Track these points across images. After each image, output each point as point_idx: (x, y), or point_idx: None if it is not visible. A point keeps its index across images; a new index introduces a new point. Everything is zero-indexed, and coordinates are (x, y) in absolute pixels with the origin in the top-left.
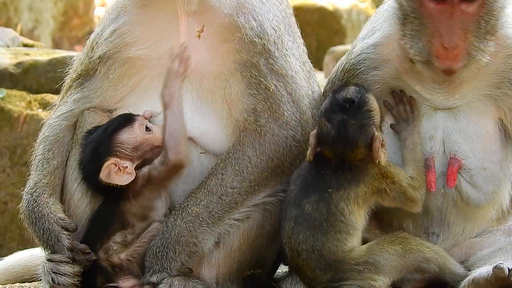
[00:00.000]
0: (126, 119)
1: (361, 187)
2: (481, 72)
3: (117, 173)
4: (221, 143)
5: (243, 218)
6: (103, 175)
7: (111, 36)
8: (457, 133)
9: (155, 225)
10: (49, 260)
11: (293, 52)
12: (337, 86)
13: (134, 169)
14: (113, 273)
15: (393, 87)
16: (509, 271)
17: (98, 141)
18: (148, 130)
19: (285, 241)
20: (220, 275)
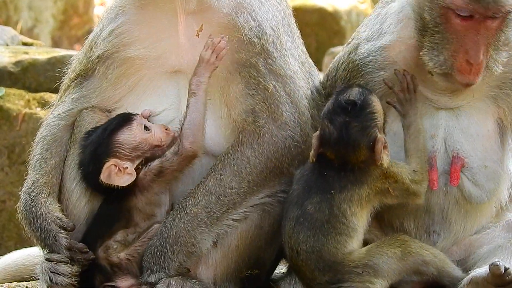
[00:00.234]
0: (124, 119)
1: (364, 189)
2: (486, 75)
3: (117, 174)
4: (220, 143)
5: (241, 218)
6: (103, 177)
7: (109, 36)
8: (459, 132)
9: (156, 226)
10: (47, 259)
11: (292, 52)
12: (340, 87)
13: (134, 169)
14: (111, 272)
15: (392, 86)
16: (505, 269)
17: (97, 142)
18: (147, 129)
19: (285, 241)
20: (217, 275)
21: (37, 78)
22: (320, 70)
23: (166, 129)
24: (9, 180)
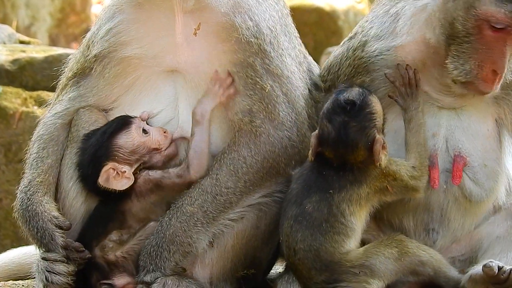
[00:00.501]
0: (123, 122)
1: (363, 188)
2: None
3: (116, 178)
4: (216, 143)
5: (237, 218)
6: (101, 180)
7: (107, 35)
8: (460, 131)
9: (152, 224)
10: (43, 258)
11: (289, 52)
12: (340, 86)
13: (132, 173)
14: (108, 270)
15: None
16: (499, 268)
17: (97, 145)
18: (145, 132)
19: (283, 239)
20: (214, 275)
21: (34, 76)
22: None
23: (164, 132)
24: (5, 178)
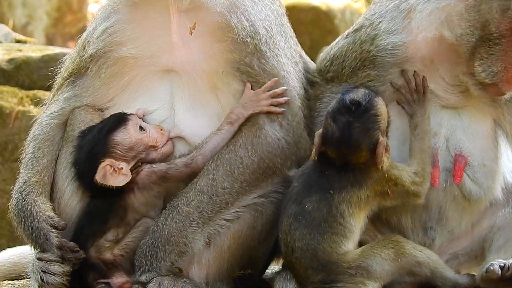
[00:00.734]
0: (120, 119)
1: (364, 191)
2: None
3: (113, 174)
4: None
5: (233, 218)
6: (98, 177)
7: (102, 34)
8: (461, 130)
9: (144, 220)
10: (39, 259)
11: (285, 52)
12: (347, 87)
13: (129, 169)
14: (106, 269)
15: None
16: (502, 268)
17: (93, 142)
18: (142, 129)
19: (281, 237)
20: (210, 275)
21: (30, 75)
22: None
23: (161, 130)
24: (1, 177)
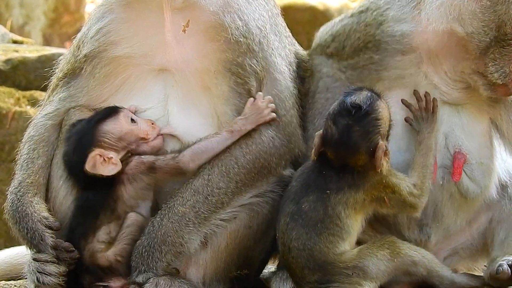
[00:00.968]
0: (111, 111)
1: (360, 194)
2: None
3: (102, 163)
4: None
5: (229, 218)
6: (88, 166)
7: (96, 34)
8: (460, 128)
9: (132, 216)
10: (34, 259)
11: (280, 52)
12: (350, 88)
13: (119, 159)
14: (102, 274)
15: (409, 74)
16: (511, 267)
17: (82, 132)
18: (133, 121)
19: (278, 236)
20: (207, 275)
21: (27, 76)
22: None
23: (152, 123)
24: None
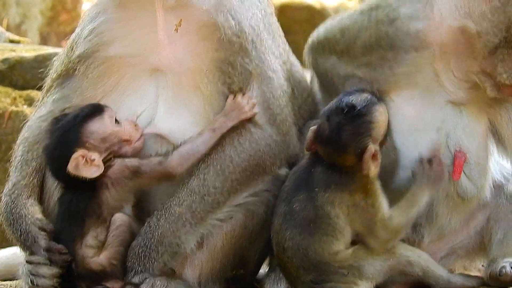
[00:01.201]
0: (95, 109)
1: (346, 194)
2: None
3: (85, 165)
4: None
5: (225, 218)
6: (71, 167)
7: (89, 35)
8: (460, 128)
9: (119, 218)
10: (28, 261)
11: (273, 51)
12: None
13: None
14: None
15: (421, 72)
16: None
17: (67, 129)
18: (117, 122)
19: (273, 236)
20: (202, 276)
21: (24, 75)
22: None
23: (135, 125)
24: None
